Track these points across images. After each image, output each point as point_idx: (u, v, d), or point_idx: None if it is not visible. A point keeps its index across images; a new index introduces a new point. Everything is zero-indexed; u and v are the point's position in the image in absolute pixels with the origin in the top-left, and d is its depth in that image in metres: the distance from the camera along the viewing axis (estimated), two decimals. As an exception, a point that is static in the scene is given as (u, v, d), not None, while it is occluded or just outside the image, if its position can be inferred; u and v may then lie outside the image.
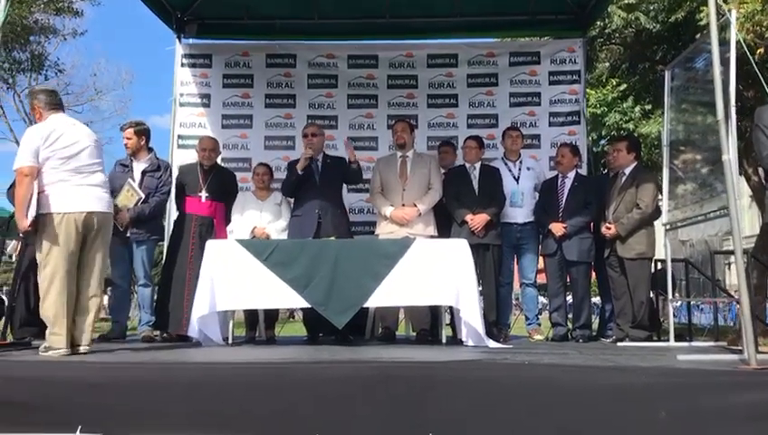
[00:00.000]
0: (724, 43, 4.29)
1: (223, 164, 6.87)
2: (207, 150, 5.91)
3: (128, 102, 36.12)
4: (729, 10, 4.59)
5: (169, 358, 4.25)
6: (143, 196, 5.65)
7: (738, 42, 4.42)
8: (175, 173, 6.11)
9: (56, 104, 4.43)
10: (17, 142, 6.02)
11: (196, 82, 7.41)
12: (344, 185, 6.05)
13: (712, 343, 5.59)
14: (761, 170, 8.82)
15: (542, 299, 11.87)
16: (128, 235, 5.68)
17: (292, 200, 5.96)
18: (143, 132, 5.85)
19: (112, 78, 22.60)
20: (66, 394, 3.35)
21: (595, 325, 6.40)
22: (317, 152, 5.79)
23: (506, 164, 6.18)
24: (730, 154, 3.92)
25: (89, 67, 36.66)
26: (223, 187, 5.93)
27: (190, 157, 6.56)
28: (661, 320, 6.47)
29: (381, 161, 6.06)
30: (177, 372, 3.57)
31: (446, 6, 7.27)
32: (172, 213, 6.21)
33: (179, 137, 7.27)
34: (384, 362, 3.80)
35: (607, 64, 12.63)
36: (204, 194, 5.82)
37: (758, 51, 7.05)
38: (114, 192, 5.71)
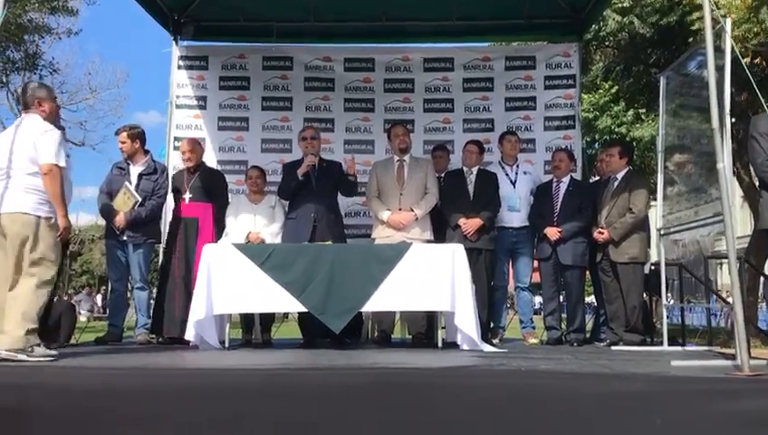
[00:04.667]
0: (718, 50, 4.33)
1: (219, 166, 6.91)
2: (186, 152, 5.95)
3: (122, 101, 35.88)
4: (724, 17, 4.62)
5: (167, 363, 4.26)
6: (140, 199, 5.67)
7: (732, 49, 4.45)
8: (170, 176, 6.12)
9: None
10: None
11: (193, 84, 7.40)
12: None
13: (705, 348, 5.64)
14: (752, 173, 8.89)
15: (537, 299, 11.92)
16: (124, 238, 5.70)
17: (285, 203, 5.97)
18: (137, 136, 5.86)
19: (107, 77, 22.43)
20: (61, 401, 3.32)
21: (590, 325, 6.45)
22: (316, 155, 5.81)
23: (503, 168, 6.21)
24: (725, 162, 3.96)
25: (83, 66, 36.49)
26: (207, 187, 5.91)
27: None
28: (654, 321, 6.52)
29: (378, 165, 6.08)
30: (175, 378, 3.56)
31: (443, 10, 7.27)
32: (169, 216, 6.20)
33: (176, 139, 7.24)
34: (382, 368, 3.82)
35: (601, 65, 12.69)
36: (188, 196, 5.84)
37: (746, 58, 7.12)
38: (112, 195, 5.77)
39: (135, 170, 5.81)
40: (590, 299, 8.33)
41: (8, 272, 4.09)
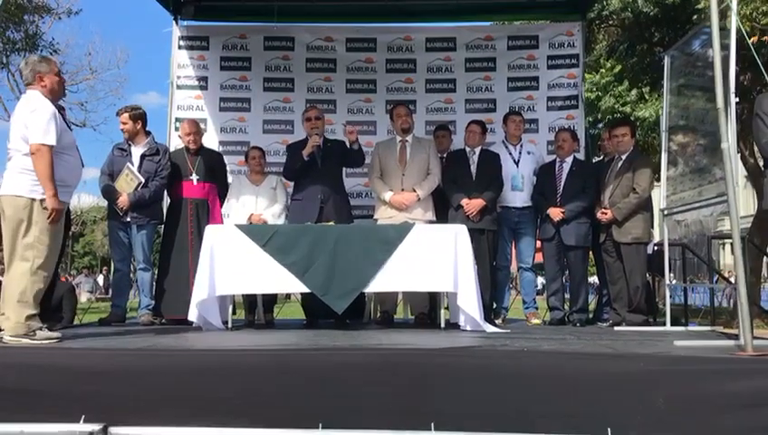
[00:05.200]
0: (723, 29, 4.29)
1: (221, 147, 6.92)
2: (192, 134, 5.92)
3: (123, 82, 35.59)
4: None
5: (172, 344, 4.26)
6: (143, 180, 5.66)
7: (738, 28, 4.40)
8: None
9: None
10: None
11: (194, 65, 7.36)
12: (343, 169, 6.04)
13: (708, 328, 5.65)
14: (757, 154, 8.83)
15: (539, 279, 11.96)
16: (127, 219, 5.70)
17: (287, 184, 5.95)
18: (139, 117, 5.83)
19: (107, 57, 22.21)
20: (67, 382, 3.35)
21: (593, 306, 6.46)
22: (321, 136, 5.78)
23: (507, 148, 6.18)
24: (729, 142, 3.93)
25: (84, 46, 36.26)
26: (212, 167, 5.94)
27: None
28: (657, 301, 6.52)
29: (381, 145, 6.06)
30: (180, 359, 3.57)
31: (445, -12, 7.22)
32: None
33: (177, 120, 7.20)
34: (385, 348, 3.83)
35: (604, 44, 12.60)
36: (195, 177, 5.84)
37: (752, 38, 7.06)
38: (113, 176, 5.75)
39: (137, 151, 5.78)
40: (593, 279, 8.34)
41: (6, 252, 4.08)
